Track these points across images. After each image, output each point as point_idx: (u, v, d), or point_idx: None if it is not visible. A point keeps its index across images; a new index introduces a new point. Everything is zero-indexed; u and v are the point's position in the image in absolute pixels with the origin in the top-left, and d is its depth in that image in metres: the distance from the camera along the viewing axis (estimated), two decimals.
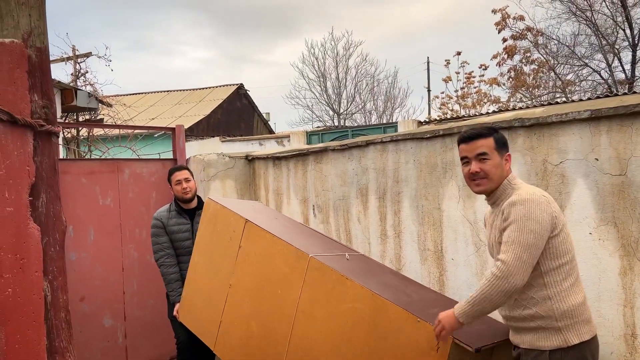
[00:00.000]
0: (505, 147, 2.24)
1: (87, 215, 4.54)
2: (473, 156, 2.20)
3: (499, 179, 2.19)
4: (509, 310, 2.16)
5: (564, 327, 2.05)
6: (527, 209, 2.04)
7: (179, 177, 3.87)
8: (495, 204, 2.23)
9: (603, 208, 2.66)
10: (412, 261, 3.70)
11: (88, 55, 9.91)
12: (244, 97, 20.78)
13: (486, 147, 2.18)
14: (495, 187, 2.19)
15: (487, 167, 2.18)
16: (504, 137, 2.25)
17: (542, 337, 2.07)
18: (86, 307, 4.47)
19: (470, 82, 18.97)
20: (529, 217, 2.03)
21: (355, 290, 2.52)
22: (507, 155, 2.23)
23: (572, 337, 2.04)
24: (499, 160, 2.19)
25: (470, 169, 2.20)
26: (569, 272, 2.10)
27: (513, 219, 2.05)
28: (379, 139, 3.91)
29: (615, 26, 13.68)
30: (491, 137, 2.19)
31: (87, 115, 9.34)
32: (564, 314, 2.05)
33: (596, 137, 2.68)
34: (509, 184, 2.19)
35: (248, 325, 3.04)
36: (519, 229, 2.02)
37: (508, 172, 2.22)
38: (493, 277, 2.01)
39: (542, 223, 2.03)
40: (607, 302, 2.66)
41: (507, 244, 2.04)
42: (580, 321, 2.07)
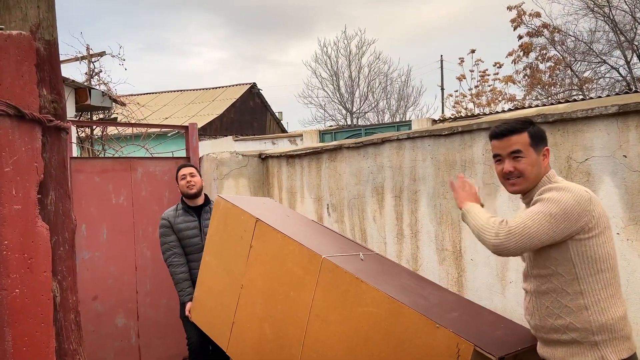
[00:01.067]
0: (543, 141, 2.03)
1: (100, 213, 4.52)
2: (506, 154, 2.00)
3: (535, 178, 2.00)
4: (540, 319, 1.97)
5: (601, 342, 1.85)
6: (559, 194, 1.87)
7: (185, 172, 3.88)
8: (532, 203, 2.02)
9: (632, 207, 2.55)
10: (430, 261, 3.61)
11: (102, 55, 9.94)
12: (257, 96, 20.77)
13: (520, 144, 1.98)
14: (532, 186, 2.01)
15: (521, 165, 1.98)
16: (540, 130, 2.05)
17: (576, 352, 1.87)
18: (99, 307, 4.45)
19: (485, 80, 18.75)
20: (556, 201, 1.86)
21: (371, 293, 2.44)
22: (546, 149, 2.02)
23: (610, 354, 1.84)
24: (535, 158, 1.98)
25: (504, 168, 2.02)
26: (610, 281, 1.89)
27: (541, 199, 1.90)
28: (395, 137, 3.83)
29: (634, 22, 13.40)
30: (525, 132, 1.99)
31: (101, 114, 9.37)
32: (602, 327, 1.85)
33: (624, 133, 2.57)
34: (548, 181, 2.00)
35: (261, 327, 2.98)
36: (540, 208, 1.87)
37: (547, 168, 2.02)
38: (491, 227, 1.90)
39: (566, 211, 1.85)
40: (635, 305, 2.55)
41: (522, 213, 1.92)
42: (620, 337, 1.86)
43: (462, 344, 2.08)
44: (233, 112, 18.91)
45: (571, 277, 1.89)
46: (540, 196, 1.92)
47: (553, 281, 1.92)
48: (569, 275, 1.89)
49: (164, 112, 18.61)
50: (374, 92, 24.12)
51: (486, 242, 1.92)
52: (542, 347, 2.03)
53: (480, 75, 18.83)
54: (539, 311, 1.97)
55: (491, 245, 1.90)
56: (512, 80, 16.21)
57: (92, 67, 9.96)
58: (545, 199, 1.89)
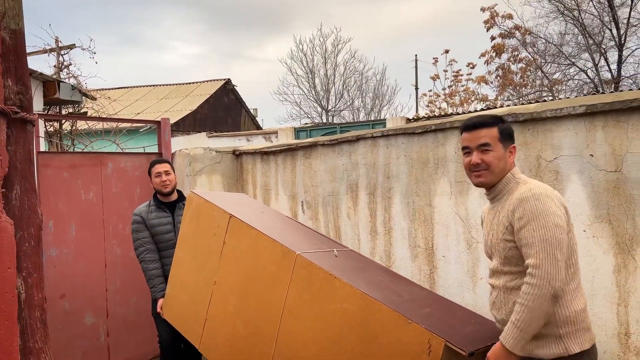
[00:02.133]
0: (511, 138, 2.10)
1: (69, 210, 4.41)
2: (475, 146, 2.06)
3: (500, 172, 2.06)
4: (507, 314, 2.00)
5: (565, 335, 1.91)
6: (542, 203, 1.90)
7: (159, 169, 3.78)
8: (496, 199, 2.10)
9: (598, 205, 2.62)
10: (403, 258, 3.64)
11: (72, 47, 9.68)
12: (232, 92, 20.58)
13: (489, 137, 2.05)
14: (497, 180, 2.07)
15: (488, 158, 2.04)
16: (510, 128, 2.12)
17: (541, 345, 1.92)
18: (67, 305, 4.34)
19: (458, 80, 19.01)
20: (549, 212, 1.88)
21: (344, 289, 2.45)
22: (512, 147, 2.09)
23: (574, 346, 1.90)
24: (502, 153, 2.05)
25: (472, 159, 2.07)
26: (572, 276, 1.96)
27: (531, 217, 1.89)
28: (370, 134, 3.84)
29: (602, 26, 13.77)
30: (495, 127, 2.06)
31: (70, 108, 9.13)
32: (566, 320, 1.91)
33: (591, 133, 2.64)
34: (512, 178, 2.07)
35: (234, 324, 2.95)
36: (543, 226, 1.86)
37: (512, 165, 2.09)
38: (531, 288, 1.83)
39: (562, 217, 1.91)
40: (600, 301, 2.62)
41: (532, 245, 1.87)
42: (582, 328, 1.94)
43: (434, 339, 2.10)
44: (207, 108, 18.70)
45: None
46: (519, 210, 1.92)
47: (521, 277, 1.96)
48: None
49: (136, 107, 18.28)
50: (350, 91, 24.22)
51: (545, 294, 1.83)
52: None
53: (454, 76, 19.09)
54: (506, 306, 2.01)
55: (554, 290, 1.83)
56: (485, 80, 16.49)
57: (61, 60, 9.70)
58: (539, 215, 1.88)
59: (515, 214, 1.95)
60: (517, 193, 2.00)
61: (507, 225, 1.99)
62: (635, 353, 2.50)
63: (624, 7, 13.29)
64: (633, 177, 2.48)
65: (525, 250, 1.91)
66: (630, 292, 2.52)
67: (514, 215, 1.96)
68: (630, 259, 2.52)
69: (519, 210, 1.94)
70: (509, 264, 2.00)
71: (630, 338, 2.52)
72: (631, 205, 2.50)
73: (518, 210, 1.94)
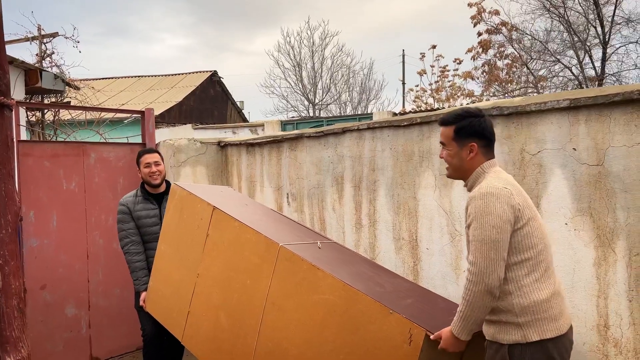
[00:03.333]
0: (471, 136, 2.14)
1: (50, 200, 4.34)
2: (440, 142, 2.24)
3: (457, 170, 2.20)
4: None
5: (523, 323, 1.99)
6: (485, 203, 1.99)
7: (149, 159, 3.69)
8: (471, 190, 2.18)
9: (579, 198, 2.64)
10: (387, 250, 3.65)
11: (54, 36, 9.50)
12: (218, 84, 20.44)
13: (444, 136, 2.19)
14: (458, 176, 2.21)
15: (444, 155, 2.21)
16: (472, 126, 2.14)
17: (501, 331, 2.02)
18: (48, 296, 4.29)
19: (445, 75, 19.07)
20: (489, 212, 1.98)
21: (327, 280, 2.44)
22: (472, 145, 2.14)
23: (532, 334, 1.98)
24: (456, 150, 2.16)
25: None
26: (534, 267, 2.02)
27: (474, 216, 2.01)
28: (356, 127, 3.84)
29: (587, 24, 13.89)
30: (452, 126, 2.17)
31: (53, 97, 8.98)
32: (524, 309, 1.99)
33: (574, 127, 2.66)
34: (482, 172, 2.14)
35: (217, 316, 2.94)
36: (480, 226, 1.98)
37: (475, 161, 2.14)
38: (469, 283, 1.98)
39: (502, 217, 1.98)
40: (580, 293, 2.65)
41: (472, 243, 2.01)
42: (544, 318, 1.99)
43: (415, 329, 2.11)
44: (193, 100, 18.56)
45: None
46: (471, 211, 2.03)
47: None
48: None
49: (121, 98, 18.07)
50: (337, 84, 24.19)
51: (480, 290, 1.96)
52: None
53: (441, 71, 19.14)
54: None
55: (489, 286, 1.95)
56: (471, 76, 16.54)
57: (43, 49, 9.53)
58: (479, 215, 1.99)
59: (467, 211, 2.08)
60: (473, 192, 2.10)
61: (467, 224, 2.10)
62: (614, 344, 2.54)
63: (608, 5, 13.43)
64: (614, 171, 2.51)
65: (469, 247, 2.06)
66: (610, 284, 2.55)
67: (466, 212, 2.09)
68: (610, 252, 2.55)
69: (468, 208, 2.07)
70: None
71: (609, 330, 2.56)
72: (612, 198, 2.53)
73: (468, 208, 2.07)
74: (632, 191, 2.46)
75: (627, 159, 2.47)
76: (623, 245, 2.50)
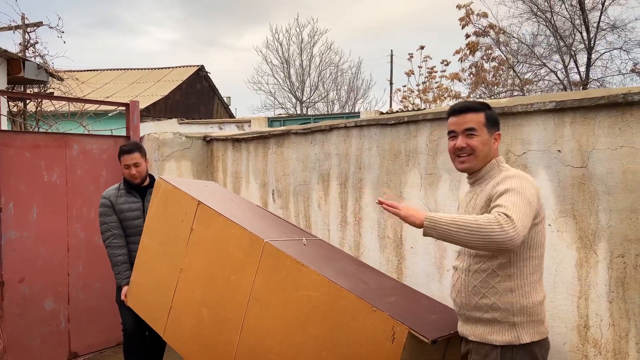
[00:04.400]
0: (496, 125, 2.11)
1: (30, 191, 4.26)
2: (461, 130, 2.06)
3: (484, 158, 2.06)
4: (466, 296, 2.03)
5: (519, 323, 1.94)
6: (522, 183, 1.91)
7: (128, 161, 3.60)
8: (477, 182, 2.10)
9: (563, 200, 2.67)
10: (371, 249, 3.65)
11: (38, 25, 9.32)
12: (205, 79, 20.29)
13: (475, 122, 2.05)
14: (481, 165, 2.07)
15: (474, 142, 2.04)
16: (495, 115, 2.12)
17: (495, 330, 1.96)
18: (26, 289, 4.21)
19: (432, 76, 19.16)
20: (526, 188, 1.89)
21: (311, 277, 2.43)
22: (497, 134, 2.10)
23: (525, 335, 1.94)
24: (487, 138, 2.06)
25: (457, 143, 2.07)
26: (537, 267, 1.99)
27: (508, 188, 1.87)
28: (343, 124, 3.83)
29: (573, 29, 14.07)
30: (482, 113, 2.07)
31: (36, 88, 8.83)
32: (522, 309, 1.95)
33: (560, 129, 2.68)
34: (496, 165, 2.07)
35: (199, 312, 2.91)
36: (518, 194, 1.84)
37: (496, 152, 2.10)
38: (493, 220, 1.74)
39: (532, 201, 1.91)
40: (562, 294, 2.67)
41: (508, 205, 1.80)
42: (536, 320, 1.97)
43: (398, 327, 2.11)
44: (179, 95, 18.40)
45: (505, 260, 1.97)
46: (502, 185, 1.92)
47: (487, 262, 1.99)
48: (504, 258, 1.97)
49: (106, 91, 17.84)
50: (325, 83, 24.16)
51: (495, 240, 1.74)
52: (462, 325, 2.11)
53: (428, 72, 19.23)
54: (466, 289, 2.04)
55: (505, 240, 1.73)
56: (458, 77, 16.66)
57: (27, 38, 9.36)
58: (516, 188, 1.87)
59: (497, 188, 1.93)
60: (500, 176, 2.00)
61: (482, 206, 1.98)
62: (594, 345, 2.57)
63: (594, 11, 13.61)
64: (598, 173, 2.54)
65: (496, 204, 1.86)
66: (591, 285, 2.58)
67: (495, 190, 1.93)
68: (592, 254, 2.57)
69: (501, 185, 1.92)
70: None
71: (590, 330, 2.59)
72: (595, 200, 2.55)
73: (500, 185, 1.93)
74: (614, 194, 2.48)
75: (610, 162, 2.50)
76: (604, 247, 2.53)
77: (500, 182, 1.96)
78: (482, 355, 1.98)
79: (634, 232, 2.43)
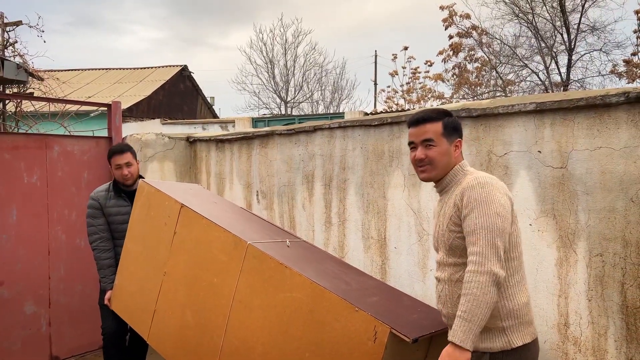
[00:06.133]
0: (456, 132, 2.08)
1: (9, 193, 4.19)
2: (419, 141, 2.05)
3: (445, 167, 2.04)
4: (452, 307, 1.99)
5: (508, 328, 1.91)
6: (487, 191, 1.89)
7: (119, 161, 3.53)
8: (445, 191, 2.09)
9: (543, 200, 2.71)
10: (355, 249, 3.66)
11: (18, 24, 9.16)
12: (188, 79, 20.15)
13: (432, 132, 2.03)
14: (442, 174, 2.06)
15: (432, 153, 2.03)
16: (455, 122, 2.09)
17: (485, 338, 1.91)
18: (5, 292, 4.14)
19: (416, 77, 19.29)
20: (491, 200, 1.87)
21: (294, 278, 2.43)
22: (458, 141, 2.07)
23: (516, 339, 1.91)
24: (446, 147, 2.03)
25: (416, 154, 2.06)
26: (517, 268, 1.96)
27: (475, 204, 1.88)
28: (327, 125, 3.84)
29: (554, 30, 14.28)
30: (440, 122, 2.04)
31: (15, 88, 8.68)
32: (509, 313, 1.91)
33: (540, 130, 2.72)
34: (460, 170, 2.06)
35: (183, 315, 2.89)
36: (484, 214, 1.85)
37: (458, 158, 2.08)
38: (473, 275, 1.80)
39: (505, 206, 1.91)
40: (542, 292, 2.71)
41: (474, 233, 1.85)
42: (524, 322, 1.94)
43: (379, 326, 2.12)
44: (162, 95, 18.24)
45: None
46: (465, 198, 1.92)
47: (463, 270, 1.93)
48: None
49: (87, 91, 17.62)
50: (309, 83, 24.17)
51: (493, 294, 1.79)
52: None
53: (412, 72, 19.36)
54: (451, 300, 2.00)
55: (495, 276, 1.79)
56: (442, 78, 16.79)
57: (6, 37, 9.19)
58: (482, 202, 1.87)
59: (463, 201, 1.93)
60: (464, 183, 1.99)
61: (452, 215, 1.98)
62: (574, 343, 2.61)
63: (575, 13, 13.82)
64: (577, 173, 2.58)
65: (468, 239, 1.89)
66: (571, 284, 2.62)
67: (461, 202, 1.94)
68: (571, 253, 2.62)
69: (465, 197, 1.92)
70: (454, 254, 1.99)
71: (569, 328, 2.63)
72: (574, 200, 2.59)
73: (464, 197, 1.93)
74: (593, 194, 2.53)
75: (589, 162, 2.54)
76: (584, 246, 2.57)
77: (463, 194, 1.94)
78: None
79: (611, 231, 2.48)
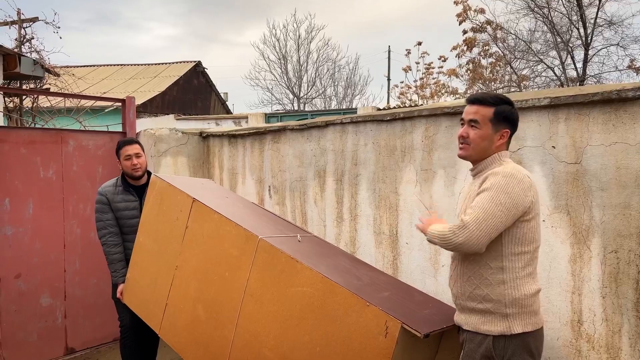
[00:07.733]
0: (507, 122, 2.12)
1: (26, 187, 4.26)
2: (467, 120, 2.13)
3: (481, 151, 2.12)
4: (461, 286, 2.12)
5: (511, 315, 2.01)
6: (506, 182, 1.97)
7: (129, 151, 3.55)
8: (478, 175, 2.15)
9: (557, 196, 2.68)
10: (367, 245, 3.66)
11: (34, 20, 9.29)
12: (202, 75, 20.25)
13: (481, 115, 2.09)
14: (476, 157, 2.14)
15: (472, 134, 2.10)
16: (509, 112, 2.12)
17: (487, 321, 2.03)
18: (22, 285, 4.21)
19: (430, 72, 19.17)
20: (504, 190, 1.96)
21: (305, 273, 2.44)
22: (505, 131, 2.12)
23: (517, 326, 2.01)
24: (489, 133, 2.09)
25: (461, 131, 2.16)
26: (529, 262, 2.06)
27: (489, 187, 1.98)
28: (339, 120, 3.83)
29: (570, 25, 14.07)
30: (492, 108, 2.09)
31: (32, 84, 8.80)
32: (514, 301, 2.01)
33: (554, 125, 2.68)
34: (498, 159, 2.12)
35: (194, 309, 2.92)
36: (490, 198, 1.95)
37: (500, 147, 2.13)
38: (449, 233, 1.97)
39: (514, 200, 1.97)
40: (556, 289, 2.69)
41: (473, 207, 1.97)
42: (528, 312, 2.03)
43: (390, 321, 2.12)
44: (176, 90, 18.36)
45: (497, 253, 2.03)
46: (487, 181, 2.01)
47: (479, 254, 2.04)
48: (495, 252, 2.03)
49: (102, 86, 17.80)
50: (322, 79, 24.16)
51: (451, 244, 1.98)
52: (458, 314, 2.19)
53: (426, 68, 19.24)
54: (461, 278, 2.12)
55: (455, 245, 1.97)
56: (455, 73, 16.65)
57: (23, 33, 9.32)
58: (493, 187, 1.97)
59: (483, 184, 2.03)
60: (493, 169, 2.07)
61: (474, 197, 2.05)
62: (587, 340, 2.59)
63: (591, 7, 13.60)
64: (591, 169, 2.54)
65: (468, 210, 2.01)
66: (584, 281, 2.59)
67: (479, 184, 2.04)
68: (585, 249, 2.59)
69: (485, 181, 2.02)
70: None
71: (583, 325, 2.60)
72: (588, 196, 2.56)
73: (487, 181, 2.02)
74: (607, 190, 2.49)
75: (604, 158, 2.50)
76: (598, 242, 2.54)
77: (488, 177, 2.04)
78: (475, 344, 2.05)
79: (627, 227, 2.44)
